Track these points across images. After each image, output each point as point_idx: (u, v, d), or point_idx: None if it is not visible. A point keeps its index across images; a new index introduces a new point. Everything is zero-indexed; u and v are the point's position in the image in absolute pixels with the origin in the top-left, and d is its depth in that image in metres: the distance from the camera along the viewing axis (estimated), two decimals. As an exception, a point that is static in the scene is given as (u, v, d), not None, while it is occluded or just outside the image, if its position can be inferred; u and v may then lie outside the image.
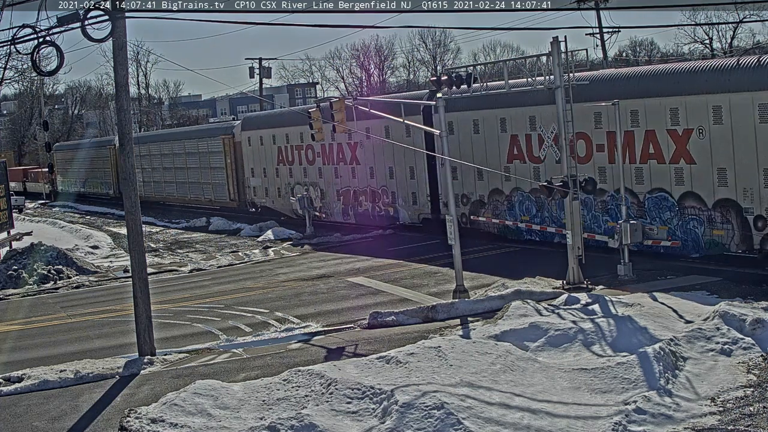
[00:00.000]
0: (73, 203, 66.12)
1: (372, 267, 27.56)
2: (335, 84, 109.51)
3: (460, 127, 29.40)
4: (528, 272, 23.02)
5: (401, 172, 33.42)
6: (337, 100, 26.06)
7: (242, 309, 22.80)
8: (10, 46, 17.99)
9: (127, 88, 18.38)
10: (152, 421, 13.33)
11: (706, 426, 12.17)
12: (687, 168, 22.72)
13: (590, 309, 17.75)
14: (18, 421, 14.64)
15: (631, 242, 21.62)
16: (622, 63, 76.06)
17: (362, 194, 35.85)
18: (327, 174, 37.76)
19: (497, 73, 27.71)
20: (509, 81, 23.09)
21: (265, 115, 45.60)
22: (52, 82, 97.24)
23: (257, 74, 67.24)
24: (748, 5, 48.99)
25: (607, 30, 48.06)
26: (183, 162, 51.34)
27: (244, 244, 36.55)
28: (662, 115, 23.05)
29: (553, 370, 14.63)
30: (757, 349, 14.94)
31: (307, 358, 16.94)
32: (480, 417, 12.39)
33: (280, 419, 12.68)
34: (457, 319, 19.31)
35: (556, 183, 21.41)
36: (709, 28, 73.25)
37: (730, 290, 19.50)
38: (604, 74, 26.35)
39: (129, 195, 18.27)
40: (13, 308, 26.19)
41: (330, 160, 37.14)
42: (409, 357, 14.90)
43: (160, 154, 53.71)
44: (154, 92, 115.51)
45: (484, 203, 29.43)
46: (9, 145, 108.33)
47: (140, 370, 17.08)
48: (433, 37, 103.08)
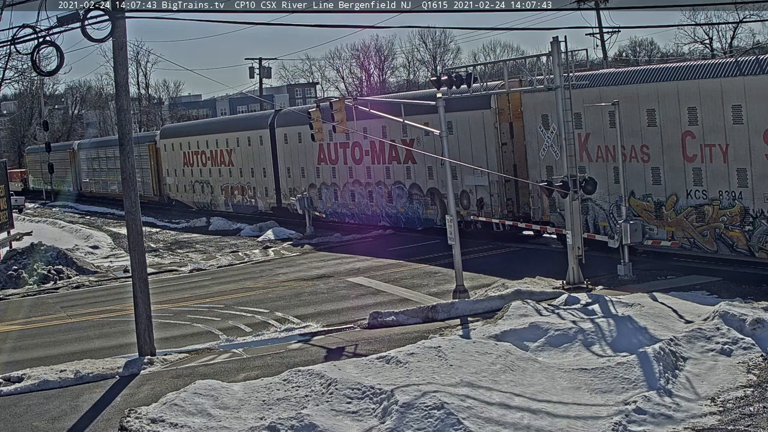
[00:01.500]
0: (73, 203, 66.69)
1: (372, 267, 27.57)
2: (335, 84, 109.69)
3: (289, 138, 40.80)
4: (528, 272, 23.02)
5: (259, 172, 44.03)
6: (337, 99, 26.06)
7: (242, 309, 22.80)
8: (10, 46, 18.03)
9: (127, 88, 18.38)
10: (152, 421, 13.33)
11: (706, 426, 12.17)
12: (412, 167, 32.44)
13: (590, 309, 17.74)
14: (18, 421, 14.64)
15: (632, 242, 21.63)
16: (622, 63, 76.09)
17: (236, 189, 46.74)
18: (215, 174, 48.92)
19: (497, 73, 27.74)
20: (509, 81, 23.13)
21: (175, 127, 59.75)
22: (52, 82, 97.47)
23: (257, 74, 67.20)
24: (748, 5, 49.03)
25: (607, 30, 48.05)
26: (116, 163, 59.01)
27: (244, 244, 36.56)
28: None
29: (553, 370, 14.63)
30: (757, 349, 14.93)
31: (307, 358, 16.94)
32: (480, 417, 12.39)
33: (280, 419, 12.67)
34: (457, 319, 19.31)
35: (556, 183, 21.44)
36: (709, 28, 73.33)
37: (730, 290, 19.50)
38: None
39: (129, 195, 18.26)
40: (13, 308, 26.19)
41: (215, 162, 48.60)
42: (409, 357, 14.90)
43: (105, 157, 64.66)
44: (154, 92, 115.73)
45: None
46: (9, 145, 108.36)
47: (140, 370, 17.08)
48: (433, 37, 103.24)
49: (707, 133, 21.95)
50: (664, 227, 23.31)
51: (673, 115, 22.72)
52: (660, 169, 23.33)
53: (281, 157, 41.70)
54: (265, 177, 43.24)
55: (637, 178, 23.85)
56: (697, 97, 22.05)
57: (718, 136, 21.65)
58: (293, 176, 40.89)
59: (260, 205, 44.29)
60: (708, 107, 21.82)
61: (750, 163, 21.06)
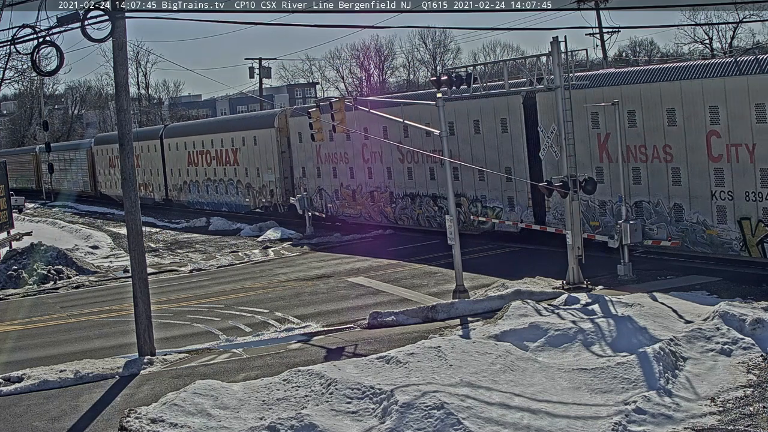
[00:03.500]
0: (73, 203, 67.05)
1: (372, 267, 27.57)
2: (335, 84, 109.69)
3: (177, 145, 51.86)
4: (528, 272, 23.02)
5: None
6: (336, 99, 26.08)
7: (242, 309, 22.80)
8: (10, 46, 18.02)
9: (127, 88, 18.38)
10: (152, 421, 13.33)
11: (706, 426, 12.17)
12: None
13: (590, 309, 17.74)
14: (18, 421, 14.64)
15: (632, 242, 21.61)
16: (622, 63, 76.06)
17: (144, 186, 57.24)
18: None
19: (497, 73, 27.75)
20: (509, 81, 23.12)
21: (105, 135, 70.10)
22: (52, 82, 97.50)
23: (257, 74, 67.23)
24: (748, 5, 49.02)
25: (607, 30, 48.04)
26: (70, 165, 74.61)
27: (243, 244, 36.55)
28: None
29: (553, 370, 14.63)
30: (757, 349, 14.93)
31: (307, 358, 16.94)
32: (480, 417, 12.39)
33: (280, 419, 12.67)
34: (457, 319, 19.31)
35: (556, 183, 21.44)
36: (709, 28, 73.30)
37: (730, 290, 19.51)
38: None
39: (129, 195, 18.26)
40: (13, 308, 26.19)
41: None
42: (409, 357, 14.90)
43: (58, 159, 74.86)
44: (154, 92, 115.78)
45: (182, 188, 53.46)
46: (9, 145, 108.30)
47: (140, 370, 17.08)
48: (433, 37, 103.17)
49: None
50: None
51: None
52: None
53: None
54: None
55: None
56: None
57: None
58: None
59: (157, 198, 57.12)
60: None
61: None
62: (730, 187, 21.67)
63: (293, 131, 40.99)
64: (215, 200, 49.76)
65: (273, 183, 42.97)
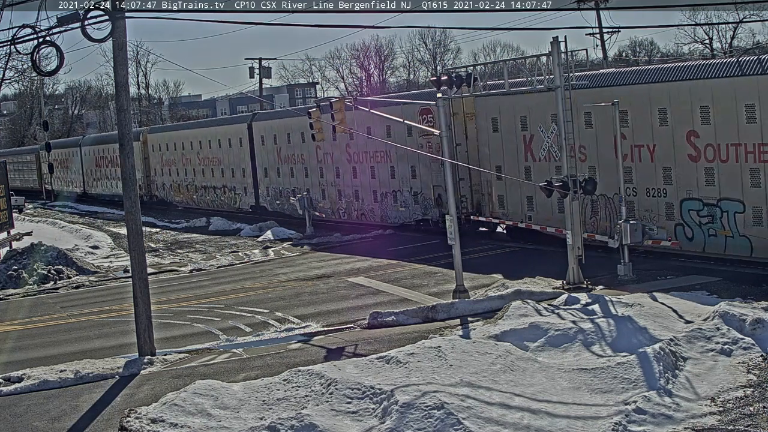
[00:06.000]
0: (73, 203, 66.99)
1: (372, 267, 27.57)
2: (335, 84, 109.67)
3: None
4: (528, 272, 23.03)
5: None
6: (336, 100, 26.08)
7: (242, 309, 22.80)
8: (10, 46, 18.03)
9: (127, 88, 18.38)
10: (152, 421, 13.34)
11: (706, 426, 12.17)
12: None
13: (590, 309, 17.74)
14: (18, 421, 14.64)
15: (632, 242, 21.60)
16: (622, 63, 76.07)
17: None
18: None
19: (497, 73, 27.75)
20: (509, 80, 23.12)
21: (60, 141, 78.03)
22: (52, 82, 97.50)
23: (257, 74, 67.22)
24: (748, 5, 49.03)
25: (607, 30, 48.03)
26: (27, 167, 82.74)
27: (244, 244, 36.55)
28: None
29: (553, 370, 14.63)
30: (757, 349, 14.94)
31: (307, 358, 16.94)
32: (480, 417, 12.39)
33: (280, 419, 12.68)
34: (457, 319, 19.31)
35: (555, 183, 21.43)
36: (709, 28, 73.28)
37: (730, 290, 19.50)
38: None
39: (129, 195, 18.26)
40: (13, 308, 26.19)
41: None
42: (409, 357, 14.90)
43: (20, 162, 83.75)
44: (154, 92, 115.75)
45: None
46: (9, 145, 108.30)
47: (140, 370, 17.08)
48: (433, 37, 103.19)
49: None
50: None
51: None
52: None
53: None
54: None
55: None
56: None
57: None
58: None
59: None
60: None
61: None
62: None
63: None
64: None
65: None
